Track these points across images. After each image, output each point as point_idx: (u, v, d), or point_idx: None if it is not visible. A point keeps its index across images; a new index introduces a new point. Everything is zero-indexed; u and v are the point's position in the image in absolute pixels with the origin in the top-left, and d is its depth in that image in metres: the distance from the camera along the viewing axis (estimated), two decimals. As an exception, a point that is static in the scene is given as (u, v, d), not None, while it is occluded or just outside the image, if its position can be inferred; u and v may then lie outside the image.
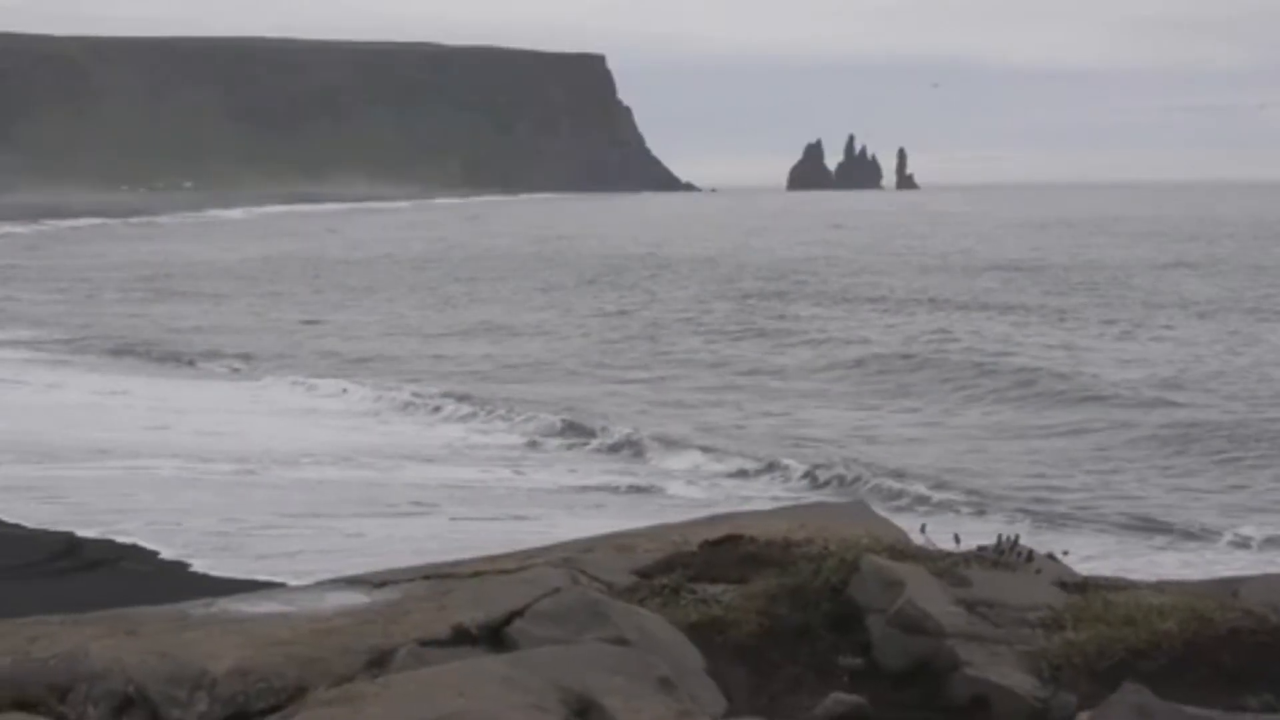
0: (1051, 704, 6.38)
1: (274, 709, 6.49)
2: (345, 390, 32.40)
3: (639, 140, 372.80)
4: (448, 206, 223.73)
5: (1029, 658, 6.60)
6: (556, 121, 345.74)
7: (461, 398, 30.51)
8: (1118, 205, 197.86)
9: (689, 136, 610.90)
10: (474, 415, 28.80)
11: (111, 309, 52.84)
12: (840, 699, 6.46)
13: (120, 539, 17.62)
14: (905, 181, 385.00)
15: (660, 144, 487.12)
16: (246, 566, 16.28)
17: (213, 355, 38.86)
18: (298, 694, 6.48)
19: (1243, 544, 18.50)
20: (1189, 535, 19.03)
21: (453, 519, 19.18)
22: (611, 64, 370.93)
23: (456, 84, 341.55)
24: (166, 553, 17.08)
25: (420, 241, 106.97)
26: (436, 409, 29.66)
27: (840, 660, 6.75)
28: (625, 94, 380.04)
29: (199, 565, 16.55)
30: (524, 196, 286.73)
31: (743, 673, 6.70)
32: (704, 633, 6.82)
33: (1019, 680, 6.46)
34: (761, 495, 21.06)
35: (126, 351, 39.62)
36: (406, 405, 30.30)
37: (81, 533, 17.79)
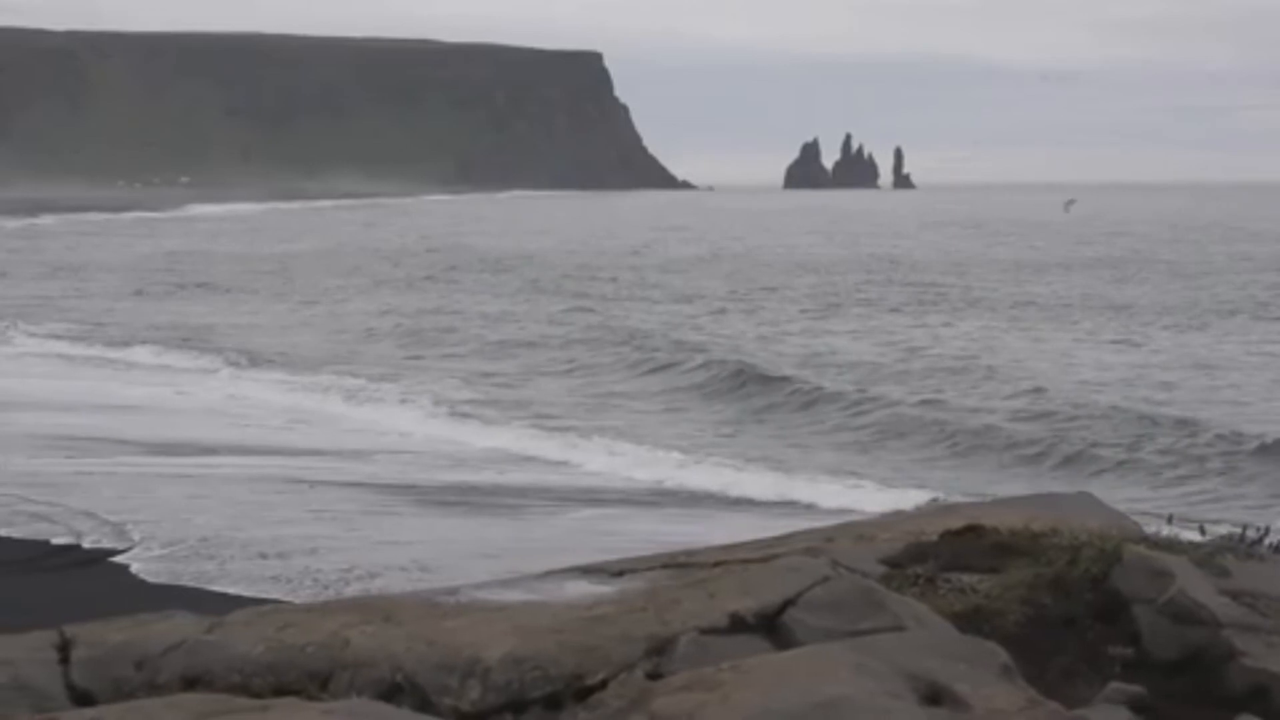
0: (1334, 695, 6.37)
1: (549, 697, 6.45)
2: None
3: (636, 138, 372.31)
4: (411, 203, 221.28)
5: (1303, 648, 6.58)
6: (553, 119, 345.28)
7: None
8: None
9: (686, 135, 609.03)
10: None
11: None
12: (1119, 688, 6.42)
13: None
14: (902, 181, 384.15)
15: (657, 142, 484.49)
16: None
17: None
18: (574, 682, 6.44)
19: None
20: None
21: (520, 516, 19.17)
22: (609, 62, 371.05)
23: (453, 81, 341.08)
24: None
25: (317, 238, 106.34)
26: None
27: (1110, 650, 6.73)
28: (622, 92, 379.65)
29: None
30: (514, 194, 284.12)
31: (1014, 663, 6.67)
32: (968, 622, 6.78)
33: (1300, 671, 6.44)
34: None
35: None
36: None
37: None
